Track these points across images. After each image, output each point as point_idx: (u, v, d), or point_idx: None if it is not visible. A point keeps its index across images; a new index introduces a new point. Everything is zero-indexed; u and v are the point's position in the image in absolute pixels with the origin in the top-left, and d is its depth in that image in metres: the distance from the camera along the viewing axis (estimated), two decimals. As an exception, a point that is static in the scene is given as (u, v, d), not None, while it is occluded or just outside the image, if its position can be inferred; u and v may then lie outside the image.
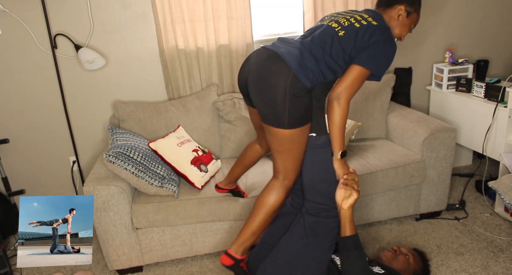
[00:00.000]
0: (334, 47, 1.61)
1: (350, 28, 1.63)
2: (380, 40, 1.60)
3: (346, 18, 1.68)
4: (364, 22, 1.63)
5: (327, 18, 1.77)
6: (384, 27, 1.64)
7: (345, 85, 1.61)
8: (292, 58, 1.58)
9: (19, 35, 2.47)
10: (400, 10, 1.70)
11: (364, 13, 1.69)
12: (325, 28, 1.66)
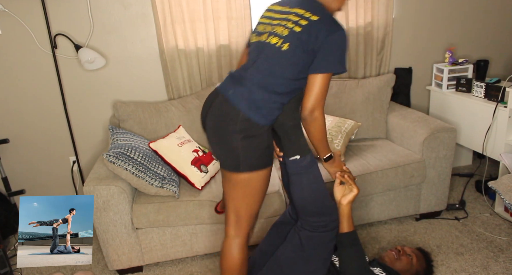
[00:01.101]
0: (284, 67, 1.49)
1: (292, 37, 1.47)
2: (329, 36, 1.45)
3: (282, 25, 1.52)
4: (304, 22, 1.47)
5: (261, 27, 1.61)
6: (326, 18, 1.48)
7: (314, 98, 1.49)
8: (240, 99, 1.50)
9: (19, 35, 2.47)
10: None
11: (300, 9, 1.52)
12: (267, 50, 1.52)
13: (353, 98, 2.72)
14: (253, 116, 1.49)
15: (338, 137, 2.44)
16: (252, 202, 1.62)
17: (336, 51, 1.47)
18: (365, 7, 2.78)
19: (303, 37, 1.46)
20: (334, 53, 1.47)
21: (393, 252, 1.88)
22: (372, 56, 2.91)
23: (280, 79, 1.50)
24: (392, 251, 1.89)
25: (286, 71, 1.49)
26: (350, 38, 2.83)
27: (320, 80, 1.48)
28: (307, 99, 1.51)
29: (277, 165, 2.41)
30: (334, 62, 1.48)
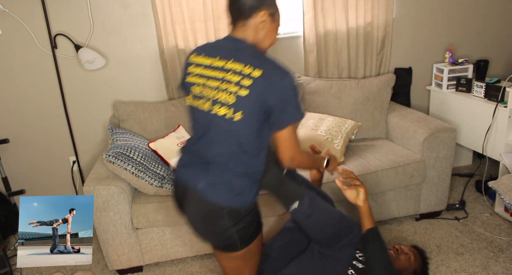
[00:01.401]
0: (244, 137, 1.34)
1: (241, 103, 1.30)
2: (279, 89, 1.29)
3: (223, 90, 1.33)
4: (248, 82, 1.28)
5: (197, 90, 1.42)
6: (269, 68, 1.30)
7: (289, 151, 1.37)
8: (217, 193, 1.37)
9: (19, 35, 2.47)
10: (263, 16, 1.38)
11: (235, 62, 1.33)
12: (217, 123, 1.36)
13: (353, 98, 2.72)
14: (237, 204, 1.38)
15: (338, 137, 2.44)
16: (253, 265, 1.58)
17: (292, 100, 1.32)
18: (365, 7, 2.78)
19: (252, 100, 1.29)
20: (291, 104, 1.32)
21: (392, 251, 1.88)
22: (372, 56, 2.91)
23: (246, 152, 1.36)
24: (390, 250, 1.89)
25: (249, 140, 1.35)
26: (350, 38, 2.83)
27: (287, 133, 1.34)
28: (282, 155, 1.38)
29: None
30: (294, 112, 1.34)
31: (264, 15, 1.38)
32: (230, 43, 1.41)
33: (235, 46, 1.39)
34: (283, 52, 2.84)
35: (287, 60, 2.87)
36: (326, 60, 2.86)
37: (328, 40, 2.81)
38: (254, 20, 1.38)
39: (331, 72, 2.89)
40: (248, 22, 1.38)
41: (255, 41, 1.40)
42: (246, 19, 1.38)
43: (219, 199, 1.36)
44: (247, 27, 1.39)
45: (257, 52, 1.38)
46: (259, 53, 1.37)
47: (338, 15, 2.76)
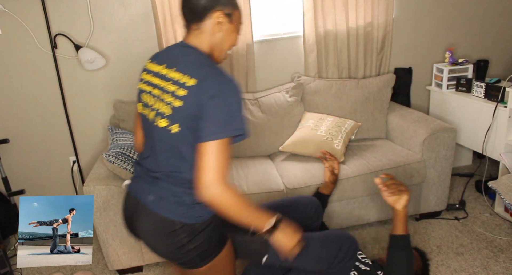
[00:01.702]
0: (185, 150, 1.25)
1: (177, 115, 1.22)
2: (214, 96, 1.17)
3: (161, 100, 1.27)
4: (183, 92, 1.20)
5: (145, 98, 1.36)
6: (206, 77, 1.20)
7: (208, 171, 1.17)
8: (167, 207, 1.28)
9: (19, 35, 2.47)
10: (218, 17, 1.28)
11: (176, 72, 1.25)
12: (159, 134, 1.29)
13: (353, 98, 2.72)
14: (190, 219, 1.27)
15: (338, 137, 2.44)
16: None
17: (226, 112, 1.18)
18: (365, 7, 2.78)
19: (187, 111, 1.20)
20: (224, 115, 1.18)
21: None
22: (372, 56, 2.91)
23: (191, 165, 1.25)
24: None
25: (189, 154, 1.25)
26: (350, 38, 2.83)
27: (212, 148, 1.17)
28: (197, 178, 1.19)
29: (277, 165, 2.40)
30: (226, 126, 1.18)
31: (219, 16, 1.29)
32: (179, 50, 1.33)
33: (183, 53, 1.31)
34: (283, 52, 2.84)
35: (287, 60, 2.87)
36: (326, 60, 2.86)
37: (328, 40, 2.81)
38: (208, 22, 1.29)
39: (331, 72, 2.89)
40: (202, 25, 1.30)
41: (211, 45, 1.32)
42: (199, 21, 1.29)
43: (169, 214, 1.27)
44: (201, 31, 1.30)
45: (202, 60, 1.27)
46: (204, 61, 1.26)
47: (338, 15, 2.76)
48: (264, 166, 2.43)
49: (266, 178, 2.27)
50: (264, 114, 2.64)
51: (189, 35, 1.33)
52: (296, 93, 2.72)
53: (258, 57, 2.80)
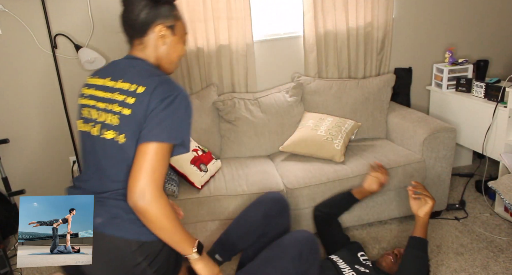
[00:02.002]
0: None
1: (125, 124, 1.17)
2: (162, 102, 1.15)
3: (108, 111, 1.21)
4: (131, 100, 1.17)
5: (86, 112, 1.30)
6: (155, 83, 1.17)
7: (143, 175, 1.10)
8: (118, 226, 1.19)
9: (19, 35, 2.47)
10: (160, 31, 1.26)
11: (124, 82, 1.21)
12: (106, 147, 1.21)
13: (353, 98, 2.72)
14: (147, 237, 1.18)
15: (338, 137, 2.44)
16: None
17: (171, 118, 1.15)
18: (365, 7, 2.78)
19: (135, 119, 1.16)
20: (169, 119, 1.15)
21: (390, 256, 1.86)
22: (372, 56, 2.91)
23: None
24: (389, 255, 1.87)
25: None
26: (350, 38, 2.83)
27: (151, 150, 1.12)
28: (132, 178, 1.11)
29: (277, 165, 2.40)
30: (169, 130, 1.15)
31: (161, 29, 1.26)
32: (125, 63, 1.29)
33: (129, 64, 1.27)
34: (283, 52, 2.84)
35: (287, 60, 2.87)
36: (326, 60, 2.86)
37: (328, 40, 2.81)
38: (151, 36, 1.26)
39: (331, 72, 2.89)
40: (145, 40, 1.27)
41: (157, 58, 1.30)
42: (141, 36, 1.27)
43: (125, 233, 1.17)
44: (145, 45, 1.28)
45: (150, 70, 1.24)
46: (152, 71, 1.23)
47: (338, 15, 2.76)
48: (264, 166, 2.43)
49: (266, 178, 2.27)
50: (264, 114, 2.64)
51: (133, 50, 1.30)
52: (296, 93, 2.72)
53: (258, 57, 2.80)
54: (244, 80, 2.77)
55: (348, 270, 1.75)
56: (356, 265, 1.80)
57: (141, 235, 1.18)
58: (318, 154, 2.40)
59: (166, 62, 1.32)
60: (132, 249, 1.17)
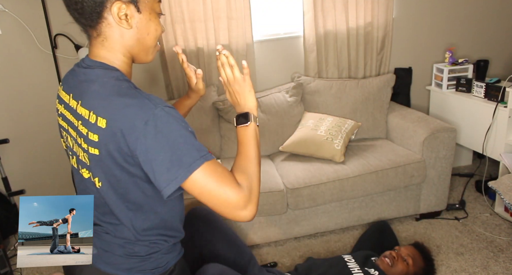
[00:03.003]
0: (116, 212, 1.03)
1: (95, 166, 0.96)
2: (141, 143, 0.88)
3: (79, 145, 0.99)
4: (94, 137, 0.92)
5: (64, 133, 1.09)
6: (119, 112, 0.89)
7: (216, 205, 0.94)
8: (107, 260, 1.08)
9: (19, 35, 2.47)
10: (119, 10, 0.94)
11: (83, 107, 0.95)
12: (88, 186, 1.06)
13: (353, 98, 2.72)
14: (143, 273, 1.07)
15: (338, 137, 2.44)
16: None
17: (167, 145, 0.88)
18: (365, 7, 2.78)
19: (105, 162, 0.93)
20: (165, 152, 0.88)
21: (388, 259, 1.85)
22: (372, 56, 2.91)
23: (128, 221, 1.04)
24: (386, 258, 1.86)
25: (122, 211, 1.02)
26: (350, 38, 2.83)
27: (191, 190, 0.92)
28: (219, 212, 0.95)
29: (277, 165, 2.40)
30: (177, 163, 0.89)
31: (120, 8, 0.93)
32: (81, 72, 0.99)
33: (86, 78, 0.97)
34: (283, 52, 2.84)
35: (287, 60, 2.87)
36: (326, 60, 2.86)
37: (328, 40, 2.81)
38: (109, 21, 0.96)
39: (331, 72, 2.89)
40: (102, 29, 0.97)
41: (127, 50, 1.01)
42: (96, 24, 0.97)
43: (116, 270, 1.05)
44: (105, 36, 0.97)
45: (110, 86, 0.93)
46: (113, 87, 0.93)
47: (338, 15, 2.76)
48: (264, 166, 2.43)
49: (266, 178, 2.27)
50: (264, 114, 2.64)
51: (92, 47, 1.01)
52: (296, 93, 2.72)
53: (258, 57, 2.80)
54: (244, 80, 2.77)
55: (358, 270, 1.76)
56: (366, 267, 1.80)
57: (136, 273, 1.06)
58: (318, 154, 2.40)
59: (141, 51, 1.03)
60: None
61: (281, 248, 2.38)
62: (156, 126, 0.87)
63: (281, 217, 2.29)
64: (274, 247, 2.39)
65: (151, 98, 0.92)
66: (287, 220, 2.31)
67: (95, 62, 0.99)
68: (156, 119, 0.88)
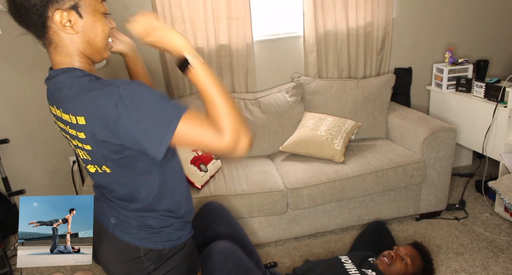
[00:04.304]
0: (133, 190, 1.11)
1: (98, 157, 1.04)
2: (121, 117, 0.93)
3: (75, 146, 1.08)
4: (82, 135, 1.00)
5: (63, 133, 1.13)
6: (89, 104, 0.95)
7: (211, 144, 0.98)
8: (129, 231, 1.15)
9: (19, 35, 2.47)
10: (62, 18, 0.96)
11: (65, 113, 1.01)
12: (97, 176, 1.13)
13: (353, 98, 2.72)
14: (155, 245, 1.15)
15: (338, 137, 2.44)
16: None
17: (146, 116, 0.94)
18: (365, 7, 2.78)
19: (101, 153, 1.02)
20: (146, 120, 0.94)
21: (386, 259, 1.85)
22: (372, 56, 2.91)
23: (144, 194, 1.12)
24: (384, 258, 1.86)
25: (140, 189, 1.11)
26: (350, 38, 2.83)
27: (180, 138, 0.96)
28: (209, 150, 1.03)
29: (277, 165, 2.40)
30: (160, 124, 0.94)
31: (61, 16, 0.95)
32: (50, 84, 1.05)
33: (55, 87, 1.02)
34: (283, 52, 2.84)
35: (287, 60, 2.87)
36: (326, 60, 2.86)
37: (328, 40, 2.81)
38: (54, 30, 0.98)
39: (331, 72, 2.89)
40: (51, 37, 0.98)
41: (80, 52, 1.03)
42: (44, 34, 0.98)
43: (132, 239, 1.14)
44: (56, 44, 1.00)
45: (76, 86, 0.98)
46: (78, 86, 0.98)
47: (338, 15, 2.76)
48: (264, 166, 2.43)
49: (266, 178, 2.27)
50: (264, 114, 2.64)
51: (50, 56, 1.03)
52: (296, 93, 2.72)
53: (258, 57, 2.80)
54: (244, 80, 2.77)
55: (355, 271, 1.75)
56: (363, 268, 1.80)
57: (149, 243, 1.14)
58: (318, 154, 2.40)
59: (94, 52, 1.08)
60: (139, 254, 1.14)
61: (281, 248, 2.38)
62: (126, 105, 0.93)
63: (281, 217, 2.29)
64: (274, 247, 2.39)
65: (112, 83, 0.96)
66: (287, 220, 2.31)
67: (56, 71, 1.03)
68: (123, 99, 0.93)
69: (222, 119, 0.99)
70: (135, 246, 1.14)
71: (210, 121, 0.99)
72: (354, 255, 1.91)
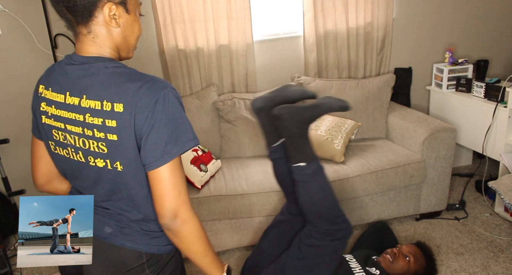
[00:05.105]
0: (135, 195, 1.07)
1: (115, 151, 1.01)
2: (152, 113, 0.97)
3: (90, 137, 1.02)
4: (112, 123, 0.98)
5: (57, 135, 1.10)
6: (133, 95, 0.97)
7: (170, 198, 1.00)
8: (127, 236, 1.11)
9: (19, 35, 2.47)
10: (111, 10, 1.00)
11: (91, 99, 1.00)
12: (100, 174, 1.07)
13: (353, 98, 2.72)
14: (157, 249, 1.13)
15: (338, 137, 2.44)
16: None
17: (170, 123, 0.98)
18: (365, 7, 2.78)
19: (126, 145, 0.99)
20: (168, 129, 0.98)
21: (389, 255, 1.85)
22: (372, 56, 2.91)
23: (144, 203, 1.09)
24: (387, 255, 1.86)
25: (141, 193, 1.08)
26: (350, 38, 2.83)
27: (166, 173, 0.99)
28: (160, 204, 1.01)
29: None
30: (175, 140, 0.99)
31: (111, 8, 1.00)
32: (76, 69, 1.03)
33: (85, 73, 1.02)
34: (283, 52, 2.84)
35: (287, 60, 2.87)
36: (326, 60, 2.86)
37: (328, 40, 2.81)
38: (99, 20, 1.00)
39: (331, 72, 2.89)
40: (93, 26, 1.01)
41: (115, 47, 1.07)
42: (87, 22, 1.00)
43: (135, 244, 1.10)
44: (96, 34, 1.02)
45: (114, 74, 1.00)
46: (118, 74, 1.00)
47: (338, 15, 2.76)
48: (264, 166, 2.42)
49: (266, 178, 2.27)
50: (264, 114, 2.64)
51: (81, 44, 1.04)
52: (296, 93, 2.72)
53: (258, 57, 2.80)
54: (244, 80, 2.77)
55: (359, 269, 1.75)
56: (367, 266, 1.80)
57: (152, 247, 1.12)
58: (318, 154, 2.40)
59: (124, 49, 1.11)
60: (142, 261, 1.11)
61: (281, 248, 2.38)
62: (164, 104, 0.97)
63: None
64: (274, 247, 2.39)
65: (159, 80, 1.01)
66: (287, 220, 2.31)
67: (89, 57, 1.03)
68: (165, 99, 0.98)
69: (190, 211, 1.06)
70: (138, 252, 1.10)
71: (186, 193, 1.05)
72: (358, 254, 1.91)
